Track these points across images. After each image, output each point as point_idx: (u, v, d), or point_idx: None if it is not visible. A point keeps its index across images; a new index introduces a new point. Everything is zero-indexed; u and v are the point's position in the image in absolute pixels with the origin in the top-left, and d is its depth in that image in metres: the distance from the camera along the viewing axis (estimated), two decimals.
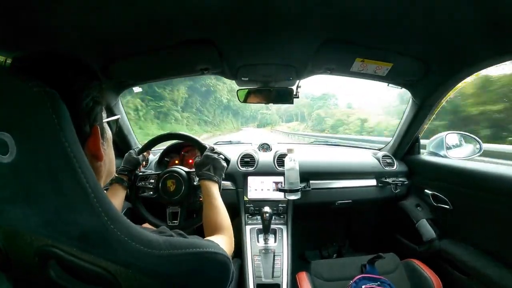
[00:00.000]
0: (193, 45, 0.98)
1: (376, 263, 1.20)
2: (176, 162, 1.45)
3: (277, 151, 1.56)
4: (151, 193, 1.09)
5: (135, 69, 1.16)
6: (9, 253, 0.33)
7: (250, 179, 1.46)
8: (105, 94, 0.46)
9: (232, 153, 1.46)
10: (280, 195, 1.41)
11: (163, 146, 1.46)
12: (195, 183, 1.04)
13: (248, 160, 1.50)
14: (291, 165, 1.22)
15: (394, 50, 1.01)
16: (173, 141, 1.43)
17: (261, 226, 1.33)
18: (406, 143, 1.53)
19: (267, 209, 1.25)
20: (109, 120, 0.51)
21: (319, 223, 2.02)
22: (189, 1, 0.72)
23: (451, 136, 1.44)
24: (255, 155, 1.52)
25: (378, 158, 1.58)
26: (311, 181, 1.47)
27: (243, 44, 1.01)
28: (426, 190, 1.38)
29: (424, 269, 1.14)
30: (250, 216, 1.44)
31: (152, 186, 1.07)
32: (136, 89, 1.40)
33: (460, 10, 0.73)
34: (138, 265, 0.35)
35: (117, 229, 0.33)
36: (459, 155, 1.37)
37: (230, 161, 1.05)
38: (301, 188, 1.27)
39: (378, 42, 0.97)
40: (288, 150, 1.27)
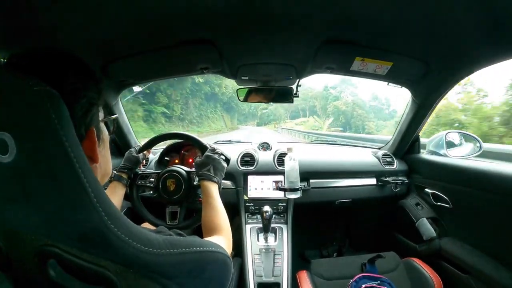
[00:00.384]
0: (193, 45, 0.98)
1: (376, 262, 1.20)
2: (176, 162, 1.45)
3: (277, 150, 1.56)
4: (151, 192, 1.09)
5: (135, 69, 1.16)
6: (9, 253, 0.33)
7: (250, 178, 1.46)
8: (103, 95, 0.46)
9: (232, 152, 1.46)
10: (280, 194, 1.41)
11: (163, 145, 1.46)
12: (195, 183, 1.04)
13: (248, 159, 1.50)
14: (291, 164, 1.22)
15: (394, 50, 1.01)
16: (173, 140, 1.43)
17: (261, 225, 1.33)
18: (406, 142, 1.53)
19: (267, 208, 1.25)
20: (106, 120, 0.49)
21: (319, 222, 2.02)
22: (189, 1, 0.72)
23: (451, 135, 1.44)
24: (255, 154, 1.52)
25: (378, 157, 1.58)
26: (311, 180, 1.47)
27: (243, 44, 1.00)
28: (426, 189, 1.38)
29: (424, 268, 1.15)
30: (250, 215, 1.44)
31: (152, 185, 1.07)
32: (136, 89, 1.40)
33: (460, 10, 0.72)
34: (138, 265, 0.35)
35: (117, 229, 0.33)
36: (459, 154, 1.37)
37: (230, 160, 1.05)
38: (301, 187, 1.27)
39: (378, 42, 0.97)
40: (288, 149, 1.27)
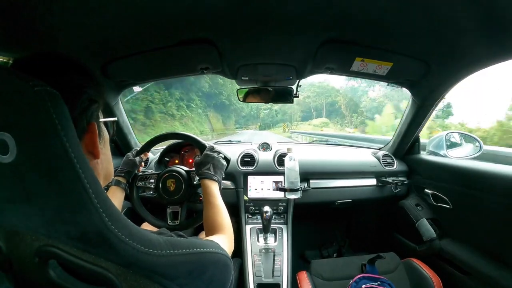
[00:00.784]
0: (193, 45, 0.98)
1: (376, 263, 1.20)
2: (176, 162, 1.45)
3: (277, 151, 1.56)
4: (151, 193, 1.09)
5: (135, 69, 1.16)
6: (10, 253, 0.33)
7: (250, 179, 1.46)
8: (103, 94, 0.46)
9: (232, 153, 1.46)
10: (280, 195, 1.41)
11: (163, 146, 1.46)
12: (195, 182, 1.04)
13: (248, 160, 1.50)
14: (291, 164, 1.22)
15: (394, 50, 1.01)
16: (173, 141, 1.43)
17: (261, 226, 1.33)
18: (406, 143, 1.53)
19: (267, 209, 1.25)
20: (106, 121, 0.50)
21: (319, 223, 2.02)
22: (189, 1, 0.72)
23: (451, 136, 1.44)
24: (255, 155, 1.53)
25: (378, 158, 1.58)
26: (311, 181, 1.47)
27: (243, 44, 1.00)
28: (426, 190, 1.38)
29: (424, 269, 1.14)
30: (250, 216, 1.44)
31: (152, 186, 1.07)
32: (136, 89, 1.40)
33: (460, 10, 0.72)
34: (139, 265, 0.35)
35: (118, 229, 0.33)
36: (459, 155, 1.37)
37: (230, 161, 1.05)
38: (301, 188, 1.27)
39: (378, 42, 0.97)
40: (288, 149, 1.27)
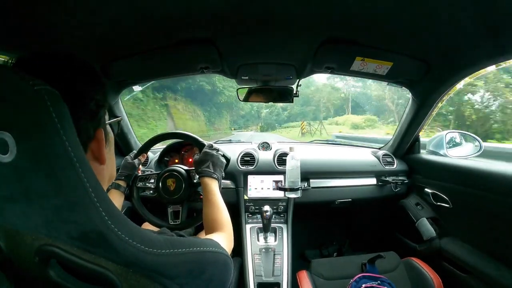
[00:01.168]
0: (193, 44, 0.98)
1: (376, 262, 1.20)
2: (176, 161, 1.45)
3: (277, 150, 1.56)
4: (151, 193, 1.09)
5: (135, 68, 1.16)
6: (10, 253, 0.33)
7: (250, 178, 1.46)
8: (108, 97, 0.46)
9: (232, 152, 1.46)
10: (280, 194, 1.41)
11: (163, 145, 1.46)
12: (195, 181, 1.04)
13: (248, 159, 1.50)
14: (293, 164, 1.22)
15: (394, 50, 1.01)
16: (173, 140, 1.43)
17: (261, 225, 1.33)
18: (406, 142, 1.53)
19: (267, 208, 1.25)
20: (111, 122, 0.50)
21: (319, 222, 2.02)
22: (189, 1, 0.72)
23: (451, 135, 1.45)
24: (255, 154, 1.52)
25: (378, 157, 1.58)
26: (311, 180, 1.47)
27: (243, 43, 1.00)
28: (426, 189, 1.38)
29: (424, 268, 1.15)
30: (250, 215, 1.44)
31: (152, 186, 1.07)
32: (136, 88, 1.40)
33: (460, 10, 0.72)
34: (139, 265, 0.35)
35: (118, 228, 0.33)
36: (459, 154, 1.37)
37: (230, 160, 1.05)
38: (301, 187, 1.27)
39: (378, 42, 0.97)
40: (290, 149, 1.27)
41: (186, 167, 1.09)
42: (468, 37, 0.85)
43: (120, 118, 0.57)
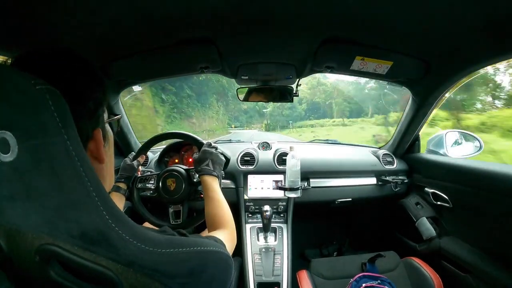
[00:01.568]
0: (193, 44, 0.98)
1: (376, 262, 1.20)
2: (176, 161, 1.45)
3: (278, 150, 1.56)
4: (152, 193, 1.09)
5: (135, 68, 1.16)
6: (10, 252, 0.33)
7: (250, 178, 1.46)
8: (107, 96, 0.46)
9: (232, 152, 1.46)
10: (280, 194, 1.41)
11: (163, 145, 1.46)
12: (195, 180, 1.04)
13: (248, 159, 1.50)
14: (293, 163, 1.22)
15: (394, 49, 1.01)
16: (173, 140, 1.43)
17: (261, 225, 1.33)
18: (406, 142, 1.53)
19: (267, 208, 1.25)
20: (111, 121, 0.50)
21: (319, 222, 2.02)
22: (189, 0, 0.71)
23: (451, 135, 1.44)
24: (255, 154, 1.53)
25: (378, 156, 1.58)
26: (311, 180, 1.47)
27: (243, 43, 1.00)
28: (426, 188, 1.38)
29: (424, 267, 1.15)
30: (250, 215, 1.44)
31: (152, 187, 1.07)
32: (136, 88, 1.40)
33: (460, 9, 0.72)
34: (140, 264, 0.35)
35: (119, 228, 0.33)
36: (459, 154, 1.37)
37: (230, 160, 1.05)
38: (301, 187, 1.27)
39: (378, 41, 0.97)
40: (291, 148, 1.27)
41: (186, 167, 1.09)
42: (468, 37, 0.85)
43: (120, 116, 0.57)
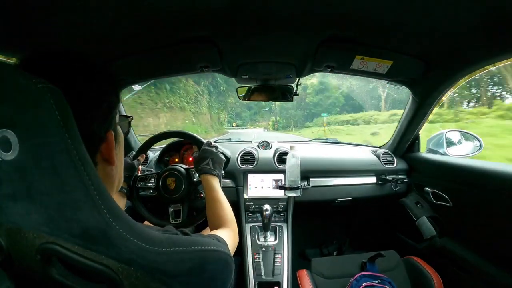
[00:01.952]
0: (193, 43, 0.98)
1: (377, 261, 1.20)
2: (176, 160, 1.45)
3: (278, 149, 1.56)
4: (152, 192, 1.09)
5: (135, 67, 1.15)
6: (11, 250, 0.33)
7: (250, 177, 1.46)
8: (120, 99, 0.46)
9: (232, 151, 1.46)
10: (280, 193, 1.41)
11: (163, 145, 1.46)
12: (195, 180, 1.04)
13: (248, 158, 1.50)
14: (293, 162, 1.22)
15: (394, 48, 1.01)
16: (173, 140, 1.43)
17: (261, 224, 1.33)
18: (406, 141, 1.53)
19: (267, 207, 1.25)
20: (121, 124, 0.50)
21: (319, 221, 2.02)
22: (190, 0, 0.71)
23: (451, 134, 1.45)
24: (255, 153, 1.52)
25: (378, 156, 1.58)
26: (311, 179, 1.47)
27: (243, 42, 1.00)
28: (426, 188, 1.38)
29: (425, 267, 1.15)
30: (250, 214, 1.44)
31: (153, 186, 1.07)
32: (136, 87, 1.40)
33: (460, 9, 0.72)
34: (140, 263, 0.35)
35: (119, 227, 0.34)
36: (459, 153, 1.37)
37: (230, 159, 1.05)
38: (301, 186, 1.27)
39: (378, 40, 0.97)
40: (291, 147, 1.27)
41: (186, 166, 1.09)
42: (468, 36, 0.85)
43: (131, 118, 0.56)
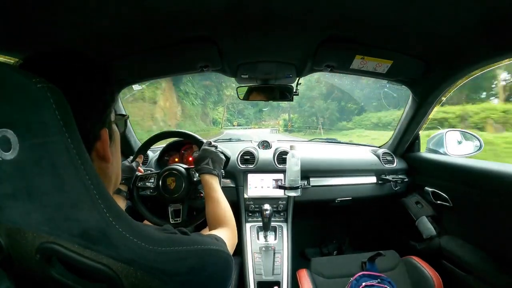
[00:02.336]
0: (193, 43, 0.98)
1: (376, 261, 1.20)
2: (176, 160, 1.45)
3: (278, 149, 1.56)
4: (152, 192, 1.09)
5: (135, 67, 1.15)
6: (11, 250, 0.33)
7: (250, 177, 1.46)
8: (116, 97, 0.46)
9: (232, 151, 1.46)
10: (280, 193, 1.41)
11: (163, 144, 1.46)
12: (195, 179, 1.04)
13: (248, 158, 1.50)
14: (293, 162, 1.22)
15: (394, 48, 1.01)
16: (173, 139, 1.43)
17: (261, 224, 1.33)
18: (406, 141, 1.53)
19: (267, 207, 1.25)
20: (116, 122, 0.50)
21: (319, 221, 2.02)
22: (190, 0, 0.71)
23: (451, 134, 1.44)
24: (255, 153, 1.52)
25: (378, 155, 1.58)
26: (311, 178, 1.47)
27: (243, 42, 1.00)
28: (426, 188, 1.38)
29: (424, 266, 1.15)
30: (250, 214, 1.44)
31: (152, 185, 1.07)
32: (136, 87, 1.40)
33: (460, 9, 0.72)
34: (140, 262, 0.35)
35: (119, 226, 0.34)
36: (459, 153, 1.37)
37: (230, 159, 1.05)
38: (301, 185, 1.27)
39: (378, 40, 0.97)
40: (291, 147, 1.27)
41: (186, 166, 1.09)
42: (467, 36, 0.85)
43: (127, 116, 0.57)
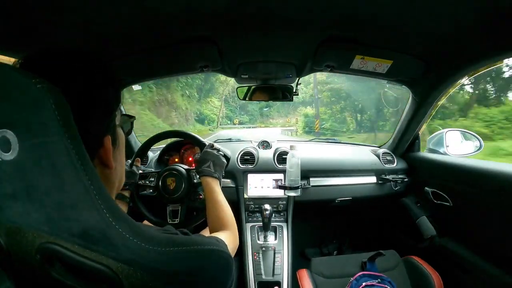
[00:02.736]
0: (193, 43, 0.98)
1: (377, 260, 1.20)
2: (176, 160, 1.45)
3: (278, 148, 1.56)
4: (151, 191, 1.09)
5: (135, 67, 1.15)
6: (11, 250, 0.33)
7: (250, 177, 1.46)
8: (120, 100, 0.45)
9: (232, 151, 1.46)
10: (280, 193, 1.41)
11: (163, 144, 1.46)
12: (195, 181, 1.04)
13: (248, 158, 1.50)
14: (294, 162, 1.22)
15: (394, 48, 1.01)
16: (173, 139, 1.43)
17: (261, 224, 1.33)
18: (406, 141, 1.53)
19: (267, 207, 1.25)
20: (122, 125, 0.49)
21: (319, 221, 2.02)
22: (190, 0, 0.71)
23: (451, 134, 1.44)
24: (255, 153, 1.52)
25: (378, 155, 1.58)
26: (311, 178, 1.47)
27: (243, 42, 1.00)
28: (426, 187, 1.38)
29: (424, 266, 1.15)
30: (250, 214, 1.44)
31: (152, 185, 1.07)
32: (136, 87, 1.40)
33: (460, 9, 0.72)
34: (140, 262, 0.34)
35: (119, 226, 0.33)
36: (459, 153, 1.37)
37: (230, 159, 1.05)
38: (301, 185, 1.27)
39: (378, 40, 0.97)
40: (291, 147, 1.27)
41: (186, 166, 1.09)
42: (467, 36, 0.85)
43: (134, 118, 0.56)
